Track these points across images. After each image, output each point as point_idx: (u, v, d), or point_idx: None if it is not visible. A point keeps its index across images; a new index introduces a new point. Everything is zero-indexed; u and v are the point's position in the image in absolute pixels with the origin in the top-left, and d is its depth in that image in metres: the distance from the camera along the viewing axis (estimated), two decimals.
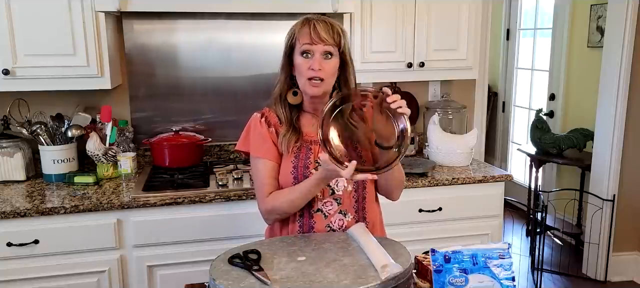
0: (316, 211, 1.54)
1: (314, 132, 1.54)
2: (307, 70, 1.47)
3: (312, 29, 1.45)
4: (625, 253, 3.37)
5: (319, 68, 1.46)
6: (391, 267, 1.21)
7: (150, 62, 2.63)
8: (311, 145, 1.54)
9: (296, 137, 1.54)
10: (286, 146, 1.53)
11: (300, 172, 1.52)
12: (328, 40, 1.46)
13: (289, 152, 1.53)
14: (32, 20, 2.17)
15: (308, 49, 1.47)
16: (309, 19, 1.49)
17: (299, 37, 1.48)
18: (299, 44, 1.48)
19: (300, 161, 1.53)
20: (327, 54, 1.47)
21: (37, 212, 2.01)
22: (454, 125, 2.95)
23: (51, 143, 2.38)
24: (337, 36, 1.48)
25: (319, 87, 1.49)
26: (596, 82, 3.33)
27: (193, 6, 2.32)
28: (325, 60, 1.47)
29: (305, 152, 1.54)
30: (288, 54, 1.53)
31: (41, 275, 2.05)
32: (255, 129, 1.58)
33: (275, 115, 1.58)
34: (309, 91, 1.50)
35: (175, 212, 2.14)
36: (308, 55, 1.47)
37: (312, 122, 1.56)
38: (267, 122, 1.57)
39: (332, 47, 1.48)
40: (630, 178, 3.26)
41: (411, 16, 2.57)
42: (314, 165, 1.52)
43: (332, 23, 1.49)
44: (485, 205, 2.48)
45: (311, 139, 1.55)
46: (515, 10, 4.76)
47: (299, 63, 1.49)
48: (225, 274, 1.24)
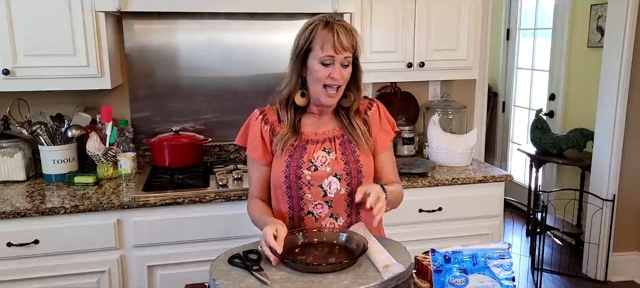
0: (306, 213, 1.53)
1: (312, 131, 1.55)
2: (327, 78, 1.44)
3: (336, 38, 1.41)
4: (625, 253, 3.37)
5: (340, 77, 1.44)
6: (393, 266, 1.21)
7: (150, 62, 2.63)
8: (307, 144, 1.53)
9: (295, 138, 1.52)
10: (282, 146, 1.52)
11: (293, 171, 1.51)
12: (349, 49, 1.44)
13: (284, 152, 1.52)
14: (32, 20, 2.17)
15: (332, 59, 1.43)
16: (330, 24, 1.43)
17: (320, 42, 1.42)
18: (321, 51, 1.42)
19: (294, 161, 1.51)
20: (346, 62, 1.46)
21: (37, 212, 2.01)
22: (454, 125, 2.95)
23: (51, 143, 2.38)
24: (355, 43, 1.46)
25: (334, 97, 1.48)
26: (596, 82, 3.33)
27: (193, 6, 2.32)
28: (344, 68, 1.46)
29: (300, 151, 1.52)
30: (303, 56, 1.47)
31: (41, 275, 2.05)
32: (251, 125, 1.59)
33: (275, 114, 1.57)
34: (323, 100, 1.48)
35: (175, 212, 2.14)
36: (328, 63, 1.44)
37: (312, 122, 1.56)
38: (264, 119, 1.57)
39: (351, 55, 1.46)
40: (630, 178, 3.26)
41: (411, 16, 2.57)
42: (306, 165, 1.51)
43: (350, 28, 1.46)
44: (485, 205, 2.48)
45: (308, 138, 1.54)
46: (515, 10, 4.76)
47: (317, 69, 1.44)
48: (225, 274, 1.24)
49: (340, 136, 1.55)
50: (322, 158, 1.52)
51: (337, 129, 1.56)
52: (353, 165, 1.52)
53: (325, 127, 1.56)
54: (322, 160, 1.51)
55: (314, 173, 1.50)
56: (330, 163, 1.51)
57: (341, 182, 1.52)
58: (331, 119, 1.57)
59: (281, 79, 1.55)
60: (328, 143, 1.54)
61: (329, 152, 1.53)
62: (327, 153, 1.52)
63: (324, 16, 1.47)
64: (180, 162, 2.49)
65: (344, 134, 1.55)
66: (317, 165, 1.51)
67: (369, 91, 2.94)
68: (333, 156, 1.52)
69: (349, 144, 1.55)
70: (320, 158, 1.52)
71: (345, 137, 1.55)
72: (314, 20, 1.47)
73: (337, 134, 1.55)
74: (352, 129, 1.54)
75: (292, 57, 1.50)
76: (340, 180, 1.52)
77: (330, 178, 1.51)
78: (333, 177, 1.51)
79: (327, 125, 1.57)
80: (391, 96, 2.94)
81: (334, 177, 1.51)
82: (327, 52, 1.42)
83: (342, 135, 1.55)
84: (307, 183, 1.51)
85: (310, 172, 1.50)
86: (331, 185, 1.52)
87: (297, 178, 1.50)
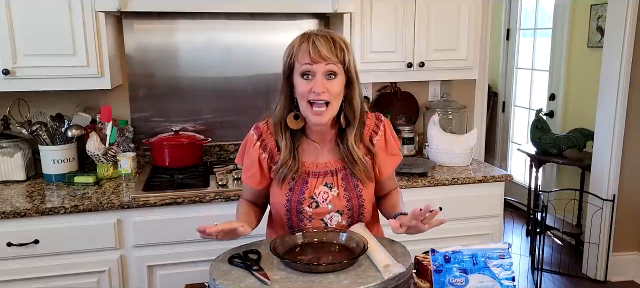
0: None
1: (312, 162, 1.47)
2: (309, 93, 1.33)
3: (312, 46, 1.31)
4: (625, 253, 3.37)
5: (322, 90, 1.32)
6: (393, 266, 1.21)
7: (150, 62, 2.63)
8: (308, 177, 1.46)
9: (296, 168, 1.43)
10: (281, 178, 1.44)
11: (294, 206, 1.46)
12: (330, 58, 1.32)
13: (284, 184, 1.45)
14: (32, 20, 2.16)
15: (308, 70, 1.33)
16: (307, 35, 1.35)
17: (297, 55, 1.34)
18: (299, 64, 1.34)
19: (295, 195, 1.46)
20: (330, 74, 1.34)
21: (37, 212, 2.01)
22: (454, 125, 2.95)
23: (51, 143, 2.38)
24: (340, 52, 1.34)
25: (322, 115, 1.35)
26: (596, 82, 3.32)
27: (193, 6, 2.32)
28: (328, 81, 1.34)
29: (301, 185, 1.46)
30: (287, 75, 1.39)
31: (41, 275, 2.05)
32: (248, 148, 1.51)
33: (273, 138, 1.48)
34: (312, 119, 1.37)
35: (175, 212, 2.14)
36: (309, 76, 1.34)
37: (312, 150, 1.47)
38: (262, 146, 1.48)
39: (336, 66, 1.34)
40: (630, 178, 3.26)
41: (411, 16, 2.57)
42: (308, 201, 1.45)
43: (333, 37, 1.35)
44: (485, 205, 2.47)
45: (308, 170, 1.46)
46: (515, 10, 4.76)
47: (299, 84, 1.35)
48: (225, 274, 1.24)
49: (342, 169, 1.47)
50: (324, 194, 1.46)
51: (338, 160, 1.48)
52: (355, 201, 1.47)
53: (326, 157, 1.48)
54: (324, 197, 1.46)
55: (315, 210, 1.46)
56: (332, 201, 1.46)
57: (343, 216, 1.49)
58: (332, 148, 1.48)
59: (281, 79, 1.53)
60: (330, 177, 1.47)
61: (331, 188, 1.46)
62: (329, 189, 1.46)
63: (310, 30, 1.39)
64: (180, 162, 2.49)
65: (346, 167, 1.47)
66: (319, 202, 1.46)
67: (369, 91, 2.94)
68: (335, 192, 1.46)
69: (351, 178, 1.47)
70: (321, 194, 1.46)
71: (348, 170, 1.47)
72: (299, 35, 1.39)
73: (339, 167, 1.47)
74: (353, 163, 1.45)
75: (282, 77, 1.42)
76: (341, 215, 1.48)
77: (332, 214, 1.48)
78: (335, 213, 1.48)
79: (328, 156, 1.48)
80: (391, 96, 2.94)
81: (335, 212, 1.48)
82: (303, 61, 1.33)
83: (344, 167, 1.47)
84: (309, 217, 1.47)
85: (311, 209, 1.46)
86: (332, 219, 1.48)
87: (298, 213, 1.47)
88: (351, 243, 1.36)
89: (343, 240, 1.39)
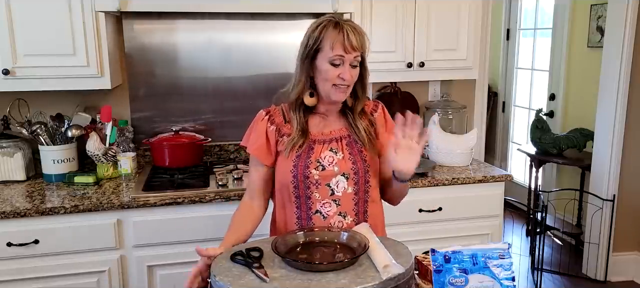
0: (314, 213, 1.53)
1: (319, 132, 1.55)
2: (337, 78, 1.45)
3: (346, 37, 1.42)
4: (625, 253, 3.37)
5: (350, 78, 1.46)
6: (393, 267, 1.21)
7: (150, 62, 2.63)
8: (314, 144, 1.54)
9: (303, 139, 1.53)
10: (290, 148, 1.52)
11: (301, 171, 1.51)
12: (359, 49, 1.45)
13: (292, 152, 1.52)
14: (32, 20, 2.17)
15: (341, 59, 1.44)
16: (339, 24, 1.45)
17: (329, 42, 1.44)
18: (330, 51, 1.44)
19: (301, 160, 1.52)
20: (356, 62, 1.47)
21: (37, 212, 2.01)
22: (454, 125, 2.95)
23: (51, 143, 2.38)
24: (364, 43, 1.48)
25: (345, 92, 1.49)
26: (596, 82, 3.33)
27: (193, 6, 2.32)
28: (353, 68, 1.48)
29: (307, 151, 1.53)
30: (311, 57, 1.48)
31: (41, 275, 2.05)
32: (255, 124, 1.59)
33: (281, 114, 1.57)
34: (334, 97, 1.49)
35: (175, 212, 2.14)
36: (339, 63, 1.45)
37: (318, 122, 1.57)
38: (270, 120, 1.57)
39: (360, 55, 1.48)
40: (630, 178, 3.26)
41: (411, 16, 2.57)
42: (314, 164, 1.51)
43: (358, 28, 1.47)
44: (485, 205, 2.48)
45: (314, 138, 1.54)
46: (515, 10, 4.76)
47: (326, 69, 1.45)
48: (226, 271, 1.25)
49: (346, 136, 1.56)
50: (330, 158, 1.53)
51: (343, 128, 1.57)
52: (360, 164, 1.54)
53: (331, 127, 1.57)
54: (330, 160, 1.52)
55: (321, 173, 1.51)
56: (337, 163, 1.52)
57: (348, 180, 1.53)
58: (337, 118, 1.58)
59: (281, 78, 1.56)
60: (335, 143, 1.55)
61: (336, 152, 1.53)
62: (335, 153, 1.53)
63: (332, 16, 1.48)
64: (180, 162, 2.49)
65: (351, 134, 1.56)
66: (325, 165, 1.52)
67: (369, 91, 2.93)
68: (340, 156, 1.53)
69: (355, 144, 1.55)
70: (327, 158, 1.52)
71: (352, 137, 1.56)
72: (322, 20, 1.47)
73: (344, 134, 1.56)
74: (358, 130, 1.56)
75: (301, 58, 1.50)
76: (347, 179, 1.53)
77: (338, 177, 1.52)
78: (341, 176, 1.52)
79: (333, 125, 1.57)
80: (391, 96, 2.94)
81: (341, 176, 1.52)
82: (337, 51, 1.43)
83: (349, 135, 1.56)
84: (315, 182, 1.51)
85: (318, 171, 1.51)
86: (339, 184, 1.53)
87: (304, 178, 1.51)
88: (353, 243, 1.36)
89: (344, 239, 1.39)
